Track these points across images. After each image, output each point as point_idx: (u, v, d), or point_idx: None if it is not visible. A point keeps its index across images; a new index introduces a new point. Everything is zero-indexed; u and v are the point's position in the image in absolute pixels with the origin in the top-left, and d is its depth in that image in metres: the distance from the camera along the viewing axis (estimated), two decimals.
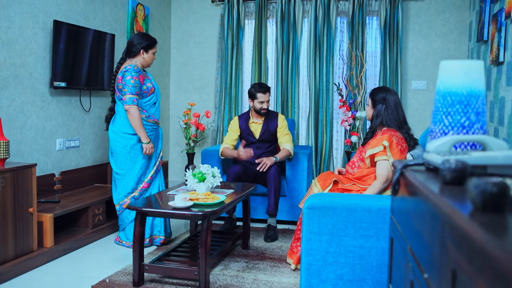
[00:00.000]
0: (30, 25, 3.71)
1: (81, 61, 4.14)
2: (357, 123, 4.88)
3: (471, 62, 1.54)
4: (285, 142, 4.32)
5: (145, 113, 3.71)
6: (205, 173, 3.24)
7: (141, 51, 3.72)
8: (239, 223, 4.41)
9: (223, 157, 4.37)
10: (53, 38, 3.83)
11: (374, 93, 3.24)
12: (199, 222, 4.07)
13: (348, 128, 4.85)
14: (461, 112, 1.52)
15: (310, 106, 5.51)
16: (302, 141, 5.62)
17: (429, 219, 1.11)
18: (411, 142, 3.16)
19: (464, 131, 1.52)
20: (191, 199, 2.97)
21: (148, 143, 3.65)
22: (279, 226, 4.39)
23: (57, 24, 3.84)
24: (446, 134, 1.55)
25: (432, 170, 1.47)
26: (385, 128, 3.15)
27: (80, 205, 3.70)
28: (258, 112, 4.31)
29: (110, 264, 3.38)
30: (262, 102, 4.27)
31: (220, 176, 3.29)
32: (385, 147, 3.01)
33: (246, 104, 5.79)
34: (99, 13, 4.57)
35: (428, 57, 5.38)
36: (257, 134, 4.38)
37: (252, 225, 4.40)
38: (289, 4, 5.52)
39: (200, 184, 3.23)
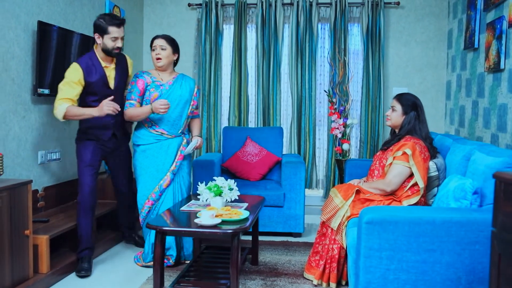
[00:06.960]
0: (12, 26, 3.34)
1: (64, 66, 3.78)
2: (348, 130, 4.81)
3: None
4: None
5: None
6: (221, 186, 3.02)
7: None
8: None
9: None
10: (38, 41, 3.46)
11: (402, 97, 3.13)
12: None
13: (339, 136, 4.77)
14: None
15: (292, 113, 5.39)
16: (285, 150, 5.48)
17: None
18: (431, 151, 3.11)
19: None
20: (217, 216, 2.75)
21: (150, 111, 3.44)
22: (278, 238, 4.21)
23: (42, 26, 3.47)
24: None
25: None
26: (408, 136, 3.07)
27: (73, 224, 3.36)
28: (109, 52, 3.37)
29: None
30: (115, 39, 3.33)
31: (237, 189, 3.08)
32: (406, 154, 2.93)
33: (225, 112, 5.58)
34: (79, 15, 4.23)
35: (408, 64, 5.42)
36: (111, 82, 3.47)
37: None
38: (270, 10, 5.39)
39: (217, 198, 3.00)
